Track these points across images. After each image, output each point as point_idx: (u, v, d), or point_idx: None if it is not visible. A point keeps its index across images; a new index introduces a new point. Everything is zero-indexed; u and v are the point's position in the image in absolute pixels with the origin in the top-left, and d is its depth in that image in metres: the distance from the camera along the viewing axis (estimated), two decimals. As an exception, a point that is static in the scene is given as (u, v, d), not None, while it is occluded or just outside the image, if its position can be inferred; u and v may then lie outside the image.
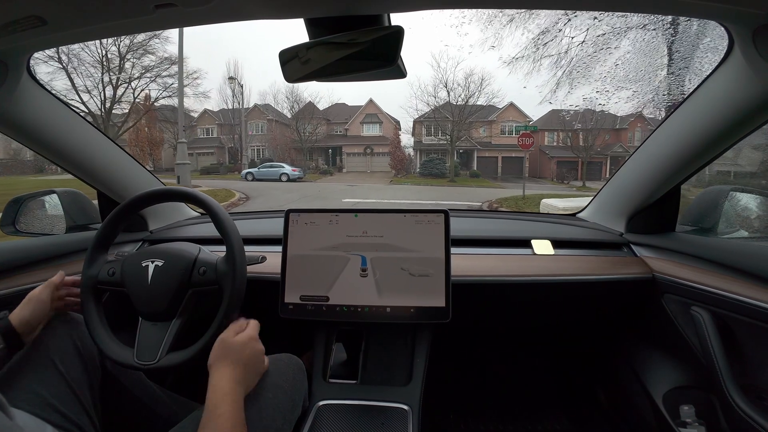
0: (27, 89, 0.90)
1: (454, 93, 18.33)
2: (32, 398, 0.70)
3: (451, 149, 18.72)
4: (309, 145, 21.41)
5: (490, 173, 19.95)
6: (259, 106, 23.14)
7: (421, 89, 24.79)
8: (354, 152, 22.70)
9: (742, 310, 0.83)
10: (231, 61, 28.45)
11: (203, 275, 0.81)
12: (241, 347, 0.72)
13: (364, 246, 0.99)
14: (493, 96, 19.03)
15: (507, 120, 20.73)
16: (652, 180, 1.08)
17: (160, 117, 18.03)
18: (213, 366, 0.69)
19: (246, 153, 21.44)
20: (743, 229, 1.21)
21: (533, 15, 6.71)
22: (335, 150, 23.10)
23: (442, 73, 22.18)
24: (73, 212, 1.26)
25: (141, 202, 0.89)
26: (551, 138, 20.08)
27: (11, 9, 0.62)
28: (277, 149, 21.66)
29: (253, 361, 0.74)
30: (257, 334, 0.77)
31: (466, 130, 19.02)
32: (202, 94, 20.42)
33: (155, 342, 0.79)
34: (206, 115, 23.74)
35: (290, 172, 16.99)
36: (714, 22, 0.70)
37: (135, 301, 0.81)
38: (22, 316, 0.76)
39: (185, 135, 11.09)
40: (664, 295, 1.04)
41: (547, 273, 1.07)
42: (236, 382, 0.68)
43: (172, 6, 0.63)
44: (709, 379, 0.89)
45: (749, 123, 0.83)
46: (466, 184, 17.06)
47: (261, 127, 23.30)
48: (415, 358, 1.02)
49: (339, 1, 0.63)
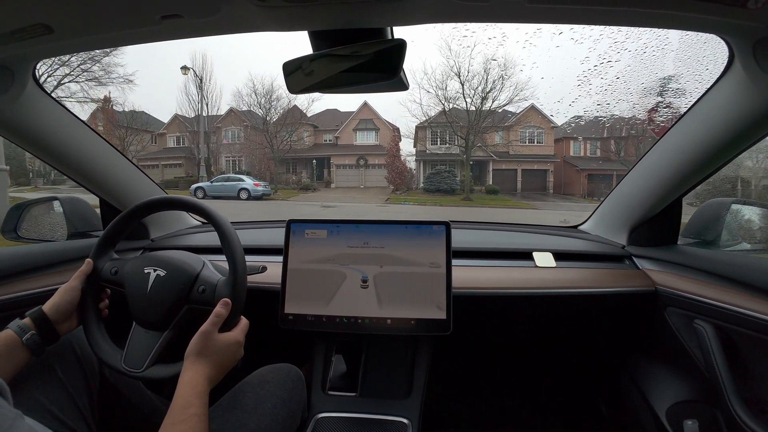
0: (32, 96, 0.91)
1: (470, 85, 14.11)
2: (31, 404, 0.70)
3: (465, 158, 14.98)
4: (281, 154, 17.72)
5: (509, 188, 16.67)
6: (236, 111, 19.33)
7: (426, 76, 18.64)
8: (344, 164, 19.43)
9: (746, 323, 0.82)
10: (197, 53, 21.31)
11: (201, 294, 0.80)
12: (225, 348, 0.70)
13: (365, 257, 0.99)
14: (521, 88, 14.75)
15: (528, 125, 16.96)
16: (653, 192, 1.08)
17: (119, 123, 16.05)
18: (190, 359, 0.67)
19: (217, 164, 18.57)
20: (745, 242, 1.21)
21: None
22: (321, 161, 19.74)
23: (454, 59, 16.52)
24: (75, 219, 1.26)
25: (154, 206, 0.90)
26: (576, 148, 17.28)
27: (18, 17, 0.63)
28: (255, 160, 18.70)
29: (230, 365, 0.72)
30: (244, 337, 0.75)
31: (480, 136, 15.20)
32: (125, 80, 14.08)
33: (145, 349, 0.78)
34: (177, 121, 20.11)
35: (251, 187, 13.75)
36: (714, 35, 0.71)
37: (131, 306, 0.81)
38: (55, 302, 0.76)
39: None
40: (666, 308, 1.03)
41: (548, 285, 1.07)
42: (209, 382, 0.66)
43: (179, 17, 0.64)
44: (713, 393, 0.88)
45: (750, 135, 0.83)
46: (485, 202, 13.83)
47: (237, 134, 19.91)
48: (416, 370, 1.01)
49: (342, 15, 0.64)
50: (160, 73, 34.57)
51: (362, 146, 19.81)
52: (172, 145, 20.62)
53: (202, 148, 17.23)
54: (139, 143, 16.99)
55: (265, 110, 17.70)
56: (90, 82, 13.25)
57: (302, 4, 0.61)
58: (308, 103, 18.15)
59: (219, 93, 30.30)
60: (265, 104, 17.73)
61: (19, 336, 0.70)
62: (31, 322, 0.72)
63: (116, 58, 13.65)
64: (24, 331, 0.70)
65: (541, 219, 7.50)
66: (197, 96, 17.84)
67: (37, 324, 0.73)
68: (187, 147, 19.60)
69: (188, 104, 18.92)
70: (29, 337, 0.70)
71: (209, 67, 24.37)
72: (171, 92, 33.28)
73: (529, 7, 0.61)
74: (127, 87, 18.61)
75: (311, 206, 12.07)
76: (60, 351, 0.79)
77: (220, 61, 37.23)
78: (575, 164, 16.60)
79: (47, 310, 0.75)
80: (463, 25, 13.43)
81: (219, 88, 30.61)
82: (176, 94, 34.28)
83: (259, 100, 17.76)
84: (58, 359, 0.77)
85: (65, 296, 0.78)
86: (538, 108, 16.61)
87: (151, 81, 35.65)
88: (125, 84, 14.46)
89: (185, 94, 22.83)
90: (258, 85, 20.68)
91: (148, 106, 33.98)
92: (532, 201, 14.16)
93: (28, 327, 0.71)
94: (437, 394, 1.11)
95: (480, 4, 0.61)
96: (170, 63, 29.44)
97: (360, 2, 0.60)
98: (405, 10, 0.63)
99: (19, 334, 0.70)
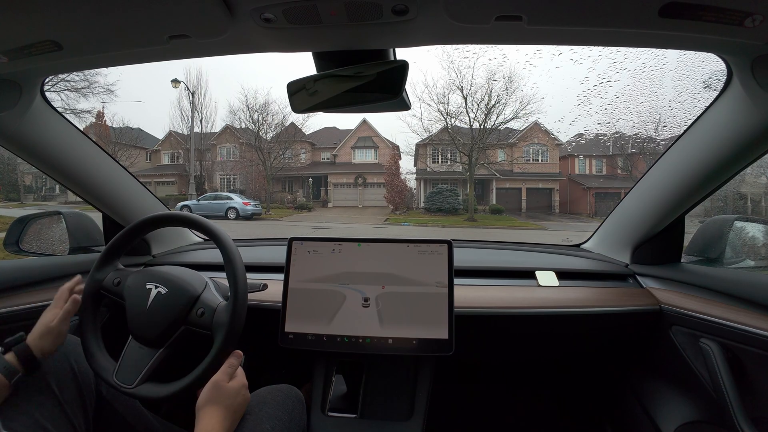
0: (39, 111, 0.92)
1: (473, 99, 13.29)
2: (25, 420, 0.69)
3: (469, 176, 13.91)
4: (275, 172, 16.90)
5: (513, 207, 16.02)
6: (232, 128, 18.59)
7: (428, 89, 18.94)
8: (342, 182, 18.72)
9: (752, 341, 0.81)
10: (192, 68, 18.91)
11: (200, 317, 0.79)
12: (235, 394, 0.71)
13: (367, 276, 0.98)
14: (527, 102, 13.97)
15: (532, 143, 16.53)
16: (656, 210, 1.08)
17: (113, 139, 15.66)
18: (203, 409, 0.68)
19: (211, 181, 17.78)
20: (749, 259, 1.20)
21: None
22: (318, 180, 18.94)
23: (455, 74, 16.43)
24: (78, 234, 1.26)
25: (161, 221, 0.90)
26: (582, 166, 16.70)
27: (29, 33, 0.65)
28: (249, 178, 17.79)
29: (242, 410, 0.73)
30: (245, 382, 0.76)
31: (484, 153, 14.38)
32: (107, 90, 12.91)
33: (138, 365, 0.78)
34: (172, 138, 19.48)
35: (240, 206, 12.92)
36: (712, 54, 0.72)
37: (129, 320, 0.81)
38: (43, 346, 0.76)
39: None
40: (672, 327, 1.02)
41: (551, 305, 1.05)
42: (225, 429, 0.67)
43: (186, 37, 0.66)
44: (720, 413, 0.86)
45: (750, 153, 0.83)
46: (490, 222, 13.04)
47: (232, 152, 19.12)
48: (417, 392, 0.99)
49: (346, 37, 0.66)
50: (159, 88, 34.90)
51: (361, 164, 19.30)
52: (166, 162, 19.98)
53: (193, 164, 16.59)
54: (128, 159, 16.41)
55: (257, 125, 16.88)
56: (68, 92, 12.31)
57: (307, 26, 0.62)
58: (303, 119, 17.62)
59: (214, 109, 29.60)
60: (258, 119, 16.97)
61: (8, 379, 0.70)
62: (17, 362, 0.72)
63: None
64: (11, 373, 0.71)
65: (551, 240, 7.05)
66: (190, 111, 17.36)
67: (22, 360, 0.73)
68: (181, 165, 18.99)
69: (182, 120, 18.55)
70: (17, 379, 0.71)
71: (204, 82, 24.33)
72: (167, 108, 33.24)
73: (529, 29, 0.62)
74: (114, 99, 18.05)
75: (302, 228, 11.23)
76: (57, 366, 0.78)
77: (216, 76, 37.14)
78: (581, 182, 15.94)
79: (35, 350, 0.74)
80: (464, 47, 13.45)
81: (214, 104, 29.91)
82: (168, 109, 34.26)
83: (251, 115, 17.06)
84: (54, 375, 0.77)
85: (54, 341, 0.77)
86: (542, 125, 16.07)
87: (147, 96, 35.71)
88: (106, 94, 13.64)
89: (178, 109, 22.10)
90: (251, 99, 20.73)
91: (145, 123, 33.61)
92: (539, 221, 13.51)
93: (15, 368, 0.71)
94: (439, 416, 1.09)
95: (480, 26, 0.62)
96: (168, 77, 28.96)
97: (363, 24, 0.62)
98: (407, 32, 0.64)
99: (7, 377, 0.70)
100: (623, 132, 9.56)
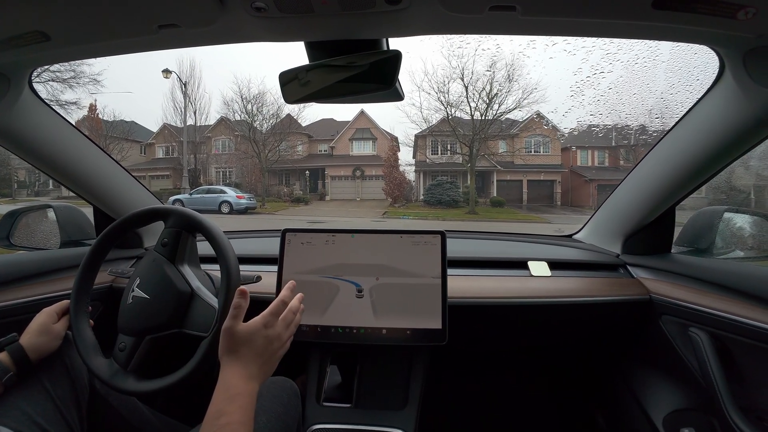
0: (28, 103, 0.91)
1: (474, 87, 12.80)
2: (18, 415, 0.69)
3: (470, 167, 13.50)
4: (270, 165, 16.45)
5: (514, 200, 15.63)
6: (227, 120, 18.04)
7: (427, 77, 18.66)
8: (340, 175, 18.36)
9: (740, 330, 0.83)
10: (185, 58, 18.13)
11: (194, 326, 0.79)
12: (249, 336, 0.64)
13: (361, 267, 0.98)
14: (531, 90, 13.67)
15: (533, 134, 16.05)
16: (646, 201, 1.09)
17: (106, 132, 15.64)
18: (222, 363, 0.62)
19: (207, 175, 17.46)
20: (738, 249, 1.22)
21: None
22: (316, 172, 18.62)
23: (457, 62, 16.00)
24: (69, 227, 1.25)
25: (145, 217, 0.88)
26: (584, 157, 16.41)
27: (16, 24, 0.64)
28: (245, 171, 17.47)
29: (269, 349, 0.65)
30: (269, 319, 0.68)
31: (485, 144, 13.86)
32: (93, 80, 12.73)
33: (126, 360, 0.77)
34: (166, 131, 19.12)
35: (234, 200, 12.59)
36: (704, 45, 0.72)
37: (119, 315, 0.81)
38: (38, 346, 0.76)
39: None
40: (661, 316, 1.03)
41: (544, 294, 1.07)
42: (248, 378, 0.61)
43: (175, 27, 0.65)
44: (709, 401, 0.88)
45: (741, 145, 0.84)
46: (491, 215, 12.72)
47: (228, 144, 18.67)
48: (411, 381, 1.00)
49: (338, 26, 0.65)
50: (152, 79, 34.12)
51: (359, 156, 18.97)
52: (161, 156, 19.67)
53: (186, 156, 16.06)
54: (121, 152, 16.11)
55: (251, 117, 16.41)
56: (53, 83, 12.03)
57: (298, 15, 0.61)
58: (299, 110, 17.16)
59: (208, 100, 28.85)
60: (252, 110, 16.45)
61: None
62: (10, 361, 0.72)
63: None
64: (3, 372, 0.71)
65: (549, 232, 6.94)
66: (183, 102, 16.66)
67: (15, 360, 0.73)
68: (176, 158, 18.43)
69: (175, 112, 17.78)
70: (8, 378, 0.71)
71: (197, 72, 23.55)
72: (160, 100, 32.83)
73: (523, 19, 0.62)
74: (101, 89, 18.05)
75: (297, 222, 10.32)
76: (49, 362, 0.78)
77: (210, 66, 36.41)
78: (583, 174, 15.64)
79: (29, 350, 0.74)
80: (458, 37, 13.29)
81: (208, 96, 29.40)
82: (162, 102, 32.64)
83: (245, 106, 16.54)
84: (46, 371, 0.76)
85: (51, 342, 0.78)
86: (543, 115, 15.54)
87: (141, 88, 35.01)
88: (92, 84, 13.56)
89: (172, 101, 20.45)
90: (244, 90, 20.12)
91: (138, 115, 33.59)
92: (541, 213, 13.21)
93: (8, 368, 0.71)
94: (433, 404, 1.10)
95: (474, 16, 0.62)
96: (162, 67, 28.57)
97: (356, 14, 0.61)
98: (400, 21, 0.64)
99: None
100: (626, 123, 9.28)
